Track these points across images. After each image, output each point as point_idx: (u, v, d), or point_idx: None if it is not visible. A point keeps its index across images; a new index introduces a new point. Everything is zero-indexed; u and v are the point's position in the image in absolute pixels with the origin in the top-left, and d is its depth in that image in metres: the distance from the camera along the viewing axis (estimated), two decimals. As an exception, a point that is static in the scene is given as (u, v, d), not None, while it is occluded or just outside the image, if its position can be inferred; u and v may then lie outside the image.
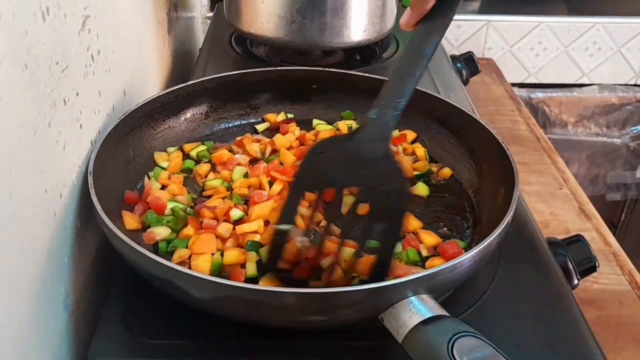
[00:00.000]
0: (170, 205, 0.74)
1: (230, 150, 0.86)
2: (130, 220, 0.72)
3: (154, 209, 0.73)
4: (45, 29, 0.58)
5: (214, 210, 0.73)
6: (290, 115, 0.96)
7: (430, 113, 0.89)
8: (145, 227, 0.72)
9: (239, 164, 0.82)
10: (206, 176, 0.82)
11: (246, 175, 0.80)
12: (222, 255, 0.69)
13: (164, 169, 0.82)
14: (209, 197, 0.77)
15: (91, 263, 0.73)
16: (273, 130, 0.93)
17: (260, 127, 0.93)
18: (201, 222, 0.72)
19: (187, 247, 0.69)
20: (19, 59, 0.53)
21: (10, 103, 0.51)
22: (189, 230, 0.71)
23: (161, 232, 0.71)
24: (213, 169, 0.83)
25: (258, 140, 0.88)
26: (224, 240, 0.71)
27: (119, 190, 0.76)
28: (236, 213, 0.73)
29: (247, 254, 0.68)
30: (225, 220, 0.73)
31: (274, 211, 0.72)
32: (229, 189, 0.79)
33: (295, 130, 0.90)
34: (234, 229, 0.71)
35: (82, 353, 0.69)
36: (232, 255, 0.68)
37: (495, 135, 0.77)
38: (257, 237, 0.70)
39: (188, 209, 0.74)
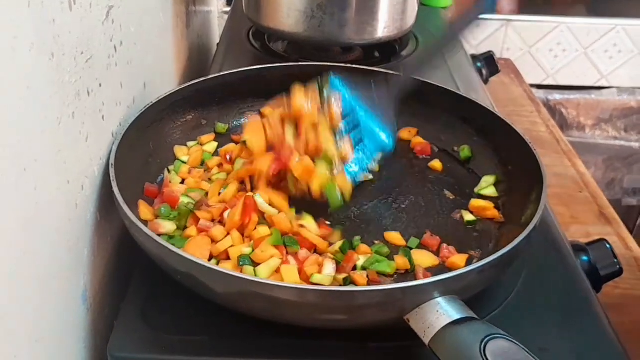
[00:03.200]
0: (182, 200, 0.73)
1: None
2: (145, 211, 0.71)
3: (168, 202, 0.72)
4: (72, 18, 0.57)
5: (211, 210, 0.70)
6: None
7: (454, 112, 0.88)
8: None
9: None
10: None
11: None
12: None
13: (184, 162, 0.81)
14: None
15: (110, 256, 0.73)
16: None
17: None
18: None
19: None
20: (46, 48, 0.52)
21: (37, 92, 0.50)
22: (191, 230, 0.68)
23: (166, 225, 0.69)
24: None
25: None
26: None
27: (140, 183, 0.75)
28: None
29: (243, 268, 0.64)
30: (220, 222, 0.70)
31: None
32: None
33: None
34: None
35: (99, 347, 0.68)
36: (226, 267, 0.64)
37: (523, 135, 0.76)
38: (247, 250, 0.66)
39: (192, 205, 0.72)
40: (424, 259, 0.69)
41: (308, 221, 0.70)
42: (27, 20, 0.48)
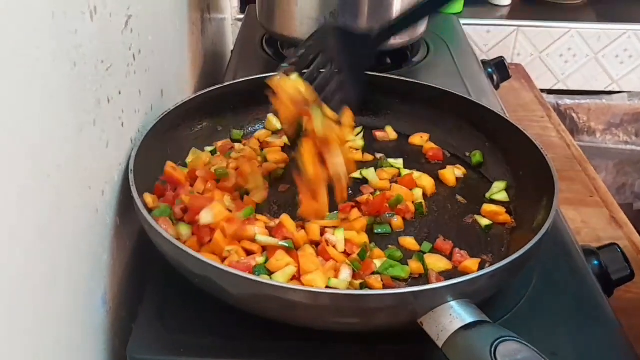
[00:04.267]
0: None
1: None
2: (150, 201, 0.71)
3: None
4: (93, 27, 0.59)
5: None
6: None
7: (466, 117, 0.89)
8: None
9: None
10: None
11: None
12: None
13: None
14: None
15: (128, 260, 0.74)
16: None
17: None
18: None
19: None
20: (68, 57, 0.54)
21: (59, 100, 0.52)
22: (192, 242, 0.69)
23: (183, 231, 0.70)
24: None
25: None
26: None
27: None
28: (207, 218, 0.68)
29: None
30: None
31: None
32: None
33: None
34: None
35: (117, 349, 0.70)
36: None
37: (534, 141, 0.77)
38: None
39: None
40: (437, 263, 0.70)
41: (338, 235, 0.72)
42: (50, 30, 0.50)
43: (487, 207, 0.78)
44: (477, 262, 0.70)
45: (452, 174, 0.85)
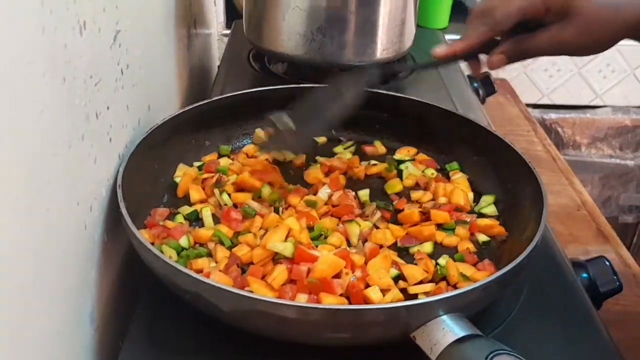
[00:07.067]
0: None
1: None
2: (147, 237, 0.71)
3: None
4: (82, 42, 0.59)
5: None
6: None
7: (453, 132, 0.89)
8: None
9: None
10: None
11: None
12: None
13: None
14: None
15: (116, 277, 0.73)
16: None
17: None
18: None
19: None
20: (58, 72, 0.53)
21: (49, 116, 0.52)
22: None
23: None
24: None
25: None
26: None
27: (146, 203, 0.76)
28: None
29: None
30: None
31: None
32: None
33: None
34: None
35: (105, 367, 0.69)
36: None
37: (522, 155, 0.77)
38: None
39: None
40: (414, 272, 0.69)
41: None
42: (41, 46, 0.50)
43: (481, 222, 0.78)
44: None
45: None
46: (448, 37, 1.47)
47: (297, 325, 0.58)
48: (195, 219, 0.77)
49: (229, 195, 0.80)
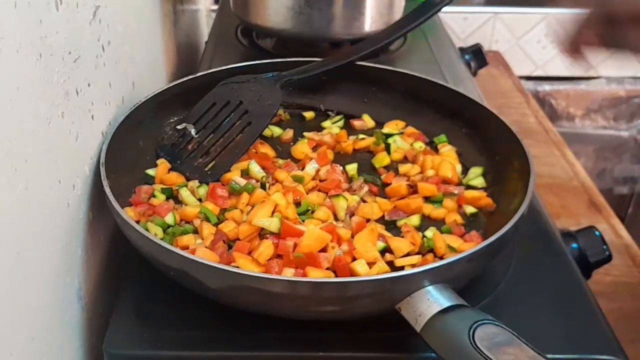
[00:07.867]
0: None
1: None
2: (133, 215, 0.71)
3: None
4: (59, 18, 0.58)
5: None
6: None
7: (442, 104, 0.89)
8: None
9: None
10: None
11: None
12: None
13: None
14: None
15: (103, 254, 0.73)
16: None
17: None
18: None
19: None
20: (34, 49, 0.52)
21: (26, 92, 0.51)
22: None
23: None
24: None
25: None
26: None
27: (130, 181, 0.75)
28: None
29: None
30: None
31: None
32: None
33: None
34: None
35: (94, 345, 0.69)
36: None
37: (510, 126, 0.77)
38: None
39: None
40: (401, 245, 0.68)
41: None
42: (13, 21, 0.49)
43: (468, 194, 0.77)
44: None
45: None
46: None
47: (283, 299, 0.57)
48: (170, 195, 0.75)
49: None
